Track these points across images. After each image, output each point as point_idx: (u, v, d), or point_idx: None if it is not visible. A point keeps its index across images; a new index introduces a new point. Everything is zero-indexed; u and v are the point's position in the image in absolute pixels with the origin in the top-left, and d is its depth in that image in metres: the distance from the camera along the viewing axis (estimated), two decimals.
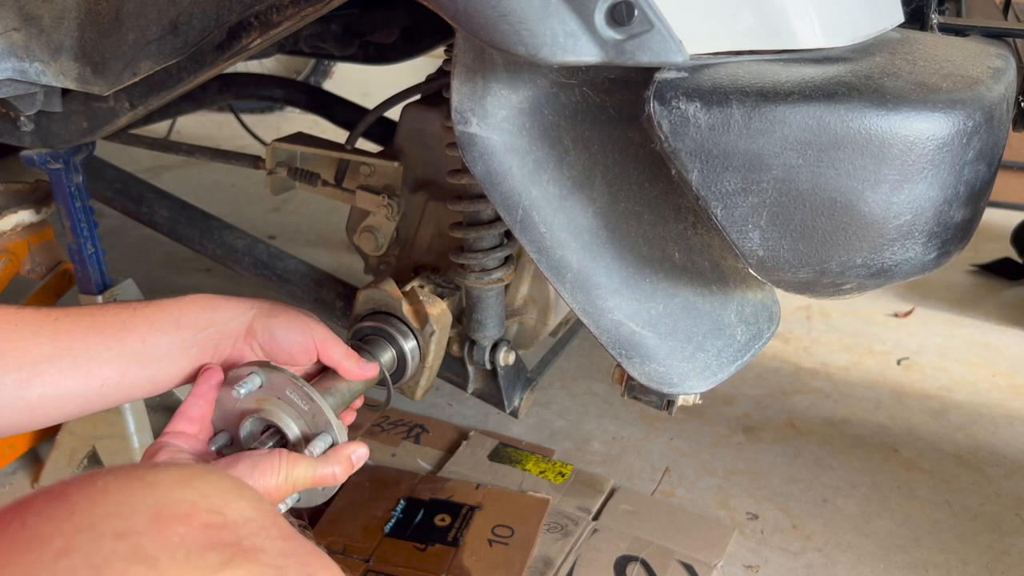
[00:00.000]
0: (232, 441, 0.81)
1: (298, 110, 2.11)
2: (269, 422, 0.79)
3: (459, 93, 0.74)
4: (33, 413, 0.71)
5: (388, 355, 0.99)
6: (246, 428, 0.80)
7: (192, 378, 0.81)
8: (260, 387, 0.78)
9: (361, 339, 1.00)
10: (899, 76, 0.66)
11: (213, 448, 0.79)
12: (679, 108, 0.65)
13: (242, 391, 0.76)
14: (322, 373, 0.89)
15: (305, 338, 0.83)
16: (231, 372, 0.80)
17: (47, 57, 0.92)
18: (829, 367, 1.88)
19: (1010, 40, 0.85)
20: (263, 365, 0.79)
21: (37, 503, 0.42)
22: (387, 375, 0.97)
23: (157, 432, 1.44)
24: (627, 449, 1.56)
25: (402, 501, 1.36)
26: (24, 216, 1.36)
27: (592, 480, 1.44)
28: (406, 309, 1.01)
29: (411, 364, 1.01)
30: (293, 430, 0.79)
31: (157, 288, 1.97)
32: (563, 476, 1.45)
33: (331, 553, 1.28)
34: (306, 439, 0.79)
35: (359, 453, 0.78)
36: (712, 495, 1.45)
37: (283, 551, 0.44)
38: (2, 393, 0.68)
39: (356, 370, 0.87)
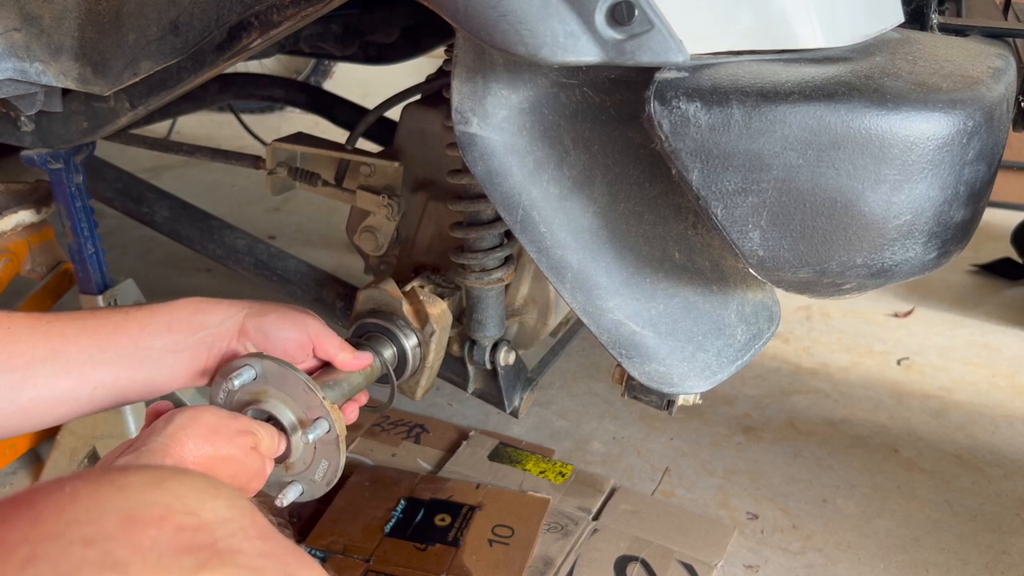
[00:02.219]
0: None
1: (298, 110, 2.11)
2: (267, 412, 0.79)
3: (459, 93, 0.74)
4: (26, 415, 0.71)
5: (389, 352, 0.99)
6: None
7: (188, 381, 0.81)
8: (255, 378, 0.78)
9: (362, 336, 1.01)
10: (899, 76, 0.66)
11: None
12: (679, 108, 0.65)
13: (236, 383, 0.77)
14: (322, 368, 0.89)
15: (300, 334, 0.84)
16: (227, 365, 0.80)
17: (47, 57, 0.92)
18: (829, 367, 1.88)
19: (1010, 40, 0.85)
20: (258, 356, 0.79)
21: (2, 510, 0.41)
22: (391, 370, 0.97)
23: None
24: (627, 449, 1.56)
25: (402, 501, 1.36)
26: (24, 216, 1.36)
27: (592, 480, 1.44)
28: (406, 309, 1.01)
29: (412, 360, 1.01)
30: (288, 416, 0.79)
31: (157, 288, 1.97)
32: (563, 476, 1.45)
33: (331, 553, 1.29)
34: (301, 424, 0.79)
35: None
36: (712, 495, 1.45)
37: (261, 552, 0.43)
38: None
39: (351, 360, 0.88)
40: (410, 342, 1.01)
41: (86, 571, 0.37)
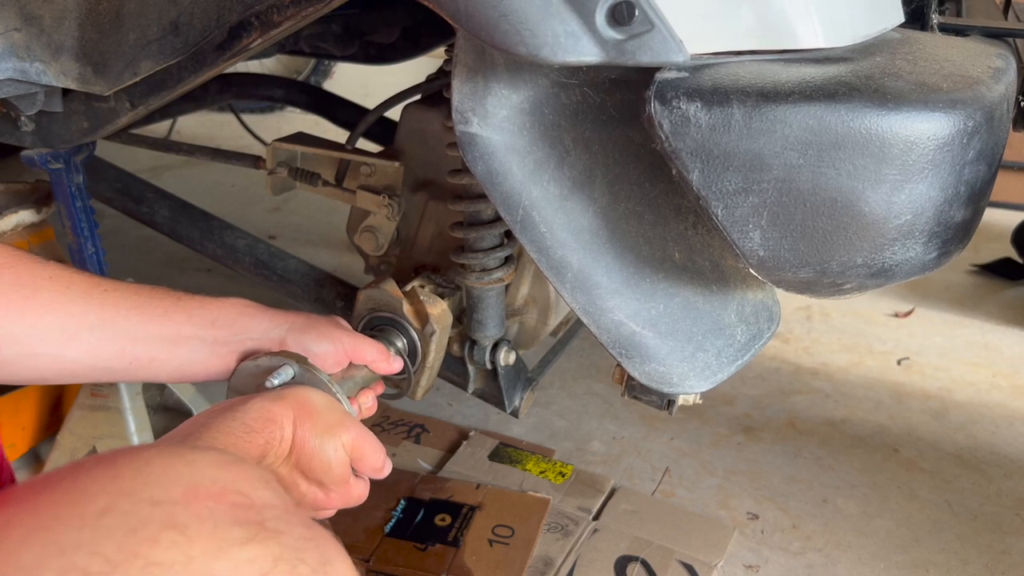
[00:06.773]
0: None
1: (298, 110, 2.11)
2: None
3: (460, 93, 0.74)
4: (62, 371, 0.77)
5: (400, 343, 1.02)
6: None
7: (215, 376, 0.83)
8: (292, 378, 0.79)
9: (371, 330, 1.02)
10: (900, 76, 0.66)
11: None
12: (680, 108, 0.65)
13: (275, 382, 0.78)
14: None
15: (336, 348, 0.87)
16: (261, 357, 0.81)
17: (48, 57, 0.92)
18: (829, 367, 1.88)
19: (1010, 40, 0.85)
20: (299, 360, 0.80)
21: (88, 464, 0.47)
22: (406, 359, 0.99)
23: (157, 433, 1.44)
24: (627, 449, 1.56)
25: (402, 501, 1.36)
26: (24, 216, 1.35)
27: (592, 480, 1.44)
28: (407, 309, 1.01)
29: (420, 351, 1.02)
30: None
31: None
32: (563, 476, 1.45)
33: None
34: None
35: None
36: (712, 495, 1.45)
37: (302, 535, 0.48)
38: (42, 349, 0.73)
39: (391, 368, 0.93)
40: (416, 335, 1.02)
41: (151, 527, 0.42)
